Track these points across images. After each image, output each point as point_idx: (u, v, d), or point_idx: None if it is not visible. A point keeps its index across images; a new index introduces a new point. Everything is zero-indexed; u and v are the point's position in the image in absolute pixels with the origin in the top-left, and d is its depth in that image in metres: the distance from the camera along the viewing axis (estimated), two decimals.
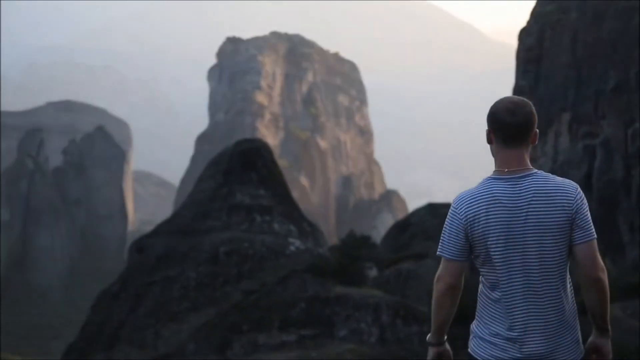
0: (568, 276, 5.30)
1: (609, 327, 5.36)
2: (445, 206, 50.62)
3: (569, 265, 5.29)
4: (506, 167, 5.30)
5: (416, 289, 36.74)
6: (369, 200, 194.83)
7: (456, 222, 5.31)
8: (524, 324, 5.19)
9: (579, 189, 5.28)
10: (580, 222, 5.17)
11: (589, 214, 5.26)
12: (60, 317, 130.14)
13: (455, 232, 5.30)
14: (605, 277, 5.20)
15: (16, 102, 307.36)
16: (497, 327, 5.30)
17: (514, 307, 5.19)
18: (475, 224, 5.22)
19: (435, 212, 47.32)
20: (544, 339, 5.19)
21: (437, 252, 5.42)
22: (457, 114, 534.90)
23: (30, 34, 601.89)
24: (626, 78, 51.34)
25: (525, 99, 5.46)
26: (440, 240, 5.39)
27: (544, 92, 61.32)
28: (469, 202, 5.29)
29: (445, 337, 5.58)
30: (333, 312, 29.07)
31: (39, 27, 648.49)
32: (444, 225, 5.41)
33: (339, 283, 32.02)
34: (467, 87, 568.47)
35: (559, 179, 5.27)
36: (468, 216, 5.25)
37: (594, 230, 5.23)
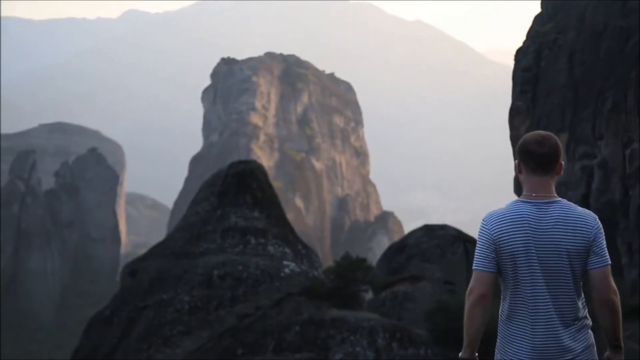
0: (582, 295, 5.98)
1: (622, 344, 6.07)
2: (441, 228, 50.20)
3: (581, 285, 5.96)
4: (534, 192, 5.99)
5: (412, 312, 36.35)
6: (365, 222, 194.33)
7: (486, 236, 5.97)
8: (546, 334, 5.84)
9: (598, 219, 5.96)
10: (597, 249, 5.85)
11: (604, 242, 5.93)
12: (51, 341, 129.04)
13: (485, 246, 5.95)
14: (617, 299, 5.93)
15: (8, 123, 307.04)
16: (522, 343, 5.93)
17: (538, 318, 5.86)
18: (504, 241, 5.88)
19: (432, 233, 46.81)
20: (563, 349, 5.83)
21: (473, 267, 5.96)
22: (452, 135, 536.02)
23: (22, 56, 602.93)
24: (624, 98, 51.03)
25: (551, 134, 6.15)
26: (474, 257, 5.99)
27: (541, 113, 61.02)
28: (498, 220, 5.97)
29: (477, 354, 6.05)
30: (328, 336, 28.61)
31: (31, 50, 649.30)
32: (477, 241, 6.06)
33: (334, 306, 31.62)
34: (462, 108, 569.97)
35: (580, 209, 5.96)
36: (497, 233, 5.91)
37: (608, 257, 5.93)
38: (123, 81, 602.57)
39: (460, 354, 6.00)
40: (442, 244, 43.01)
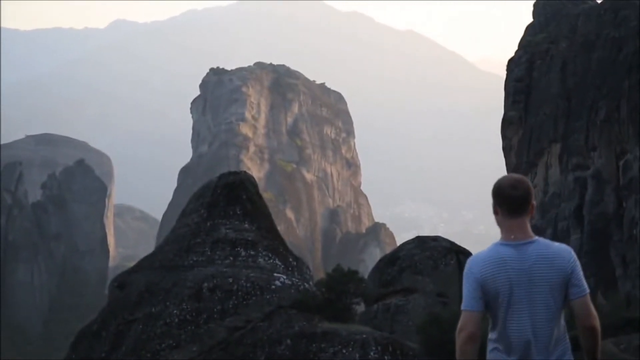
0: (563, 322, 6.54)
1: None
2: (433, 239, 49.89)
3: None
4: (512, 235, 6.50)
5: (405, 324, 35.98)
6: (356, 234, 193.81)
7: (472, 278, 6.49)
8: None
9: (573, 252, 6.52)
10: (575, 280, 6.42)
11: (581, 272, 6.48)
12: (39, 355, 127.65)
13: (472, 287, 6.48)
14: (598, 323, 6.48)
15: None
16: None
17: (523, 348, 6.37)
18: (489, 283, 6.42)
19: (424, 245, 46.45)
20: None
21: (462, 307, 6.51)
22: (444, 146, 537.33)
23: (9, 66, 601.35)
24: (617, 109, 50.82)
25: (524, 177, 6.64)
26: (463, 296, 6.52)
27: (533, 123, 60.80)
28: (482, 263, 6.49)
29: None
30: (319, 349, 28.13)
31: (17, 60, 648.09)
32: (463, 283, 6.58)
33: (325, 319, 31.17)
34: (454, 118, 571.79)
35: (556, 245, 6.50)
36: (483, 275, 6.44)
37: (586, 285, 6.49)
38: (111, 91, 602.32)
39: None
40: (434, 255, 42.59)
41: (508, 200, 6.48)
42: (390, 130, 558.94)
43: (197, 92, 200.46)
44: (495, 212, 6.61)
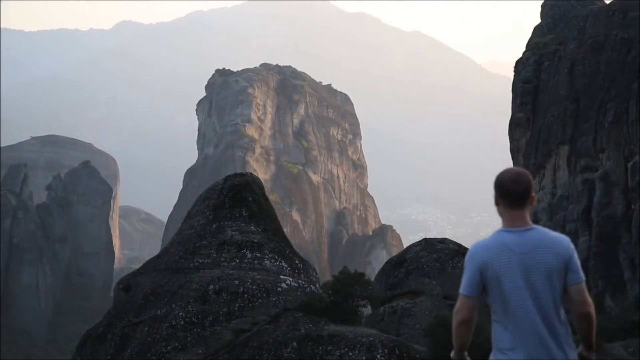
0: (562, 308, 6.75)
1: (594, 347, 6.88)
2: (441, 241, 49.62)
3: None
4: (513, 224, 6.83)
5: (411, 327, 35.78)
6: (363, 236, 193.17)
7: (473, 265, 6.81)
8: (538, 344, 6.56)
9: (570, 240, 6.84)
10: (573, 267, 6.71)
11: (578, 261, 6.79)
12: (44, 358, 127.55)
13: (472, 273, 6.79)
14: (593, 310, 6.74)
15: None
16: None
17: (523, 336, 6.59)
18: (490, 267, 6.71)
19: (431, 247, 46.23)
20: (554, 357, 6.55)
21: (460, 291, 6.84)
22: (452, 148, 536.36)
23: (13, 68, 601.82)
24: (625, 110, 50.52)
25: (524, 170, 6.98)
26: (462, 281, 6.84)
27: (541, 125, 60.52)
28: (484, 249, 6.81)
29: (466, 354, 7.05)
30: (326, 352, 27.97)
31: (22, 61, 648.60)
32: (464, 268, 6.90)
33: (331, 321, 30.99)
34: (462, 120, 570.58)
35: (553, 233, 6.83)
36: (484, 260, 6.74)
37: (582, 273, 6.79)
38: (116, 93, 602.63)
39: (451, 355, 7.11)
40: (441, 258, 42.36)
41: (510, 194, 6.81)
42: (397, 131, 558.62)
43: (203, 94, 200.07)
44: (497, 204, 6.95)
